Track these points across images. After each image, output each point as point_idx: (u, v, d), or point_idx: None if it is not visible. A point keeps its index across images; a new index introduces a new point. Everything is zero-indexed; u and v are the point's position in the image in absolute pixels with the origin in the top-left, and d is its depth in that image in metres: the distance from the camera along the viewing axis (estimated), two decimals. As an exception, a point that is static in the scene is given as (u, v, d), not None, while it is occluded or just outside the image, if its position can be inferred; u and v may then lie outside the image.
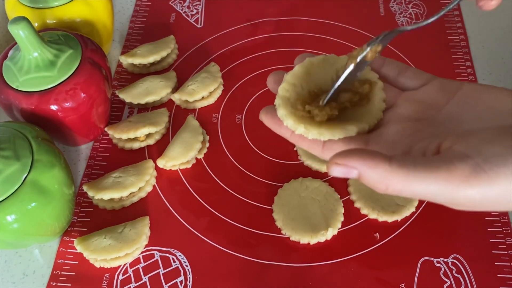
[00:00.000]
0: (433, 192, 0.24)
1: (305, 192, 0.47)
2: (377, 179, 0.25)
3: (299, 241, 0.45)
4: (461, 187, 0.24)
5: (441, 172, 0.24)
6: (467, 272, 0.43)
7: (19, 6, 0.51)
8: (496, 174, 0.24)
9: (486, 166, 0.24)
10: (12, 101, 0.45)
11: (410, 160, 0.25)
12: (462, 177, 0.24)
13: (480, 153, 0.24)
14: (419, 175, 0.24)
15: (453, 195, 0.24)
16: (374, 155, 0.25)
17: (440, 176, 0.24)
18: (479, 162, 0.24)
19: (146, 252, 0.45)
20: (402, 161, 0.25)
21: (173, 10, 0.65)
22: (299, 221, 0.45)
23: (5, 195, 0.38)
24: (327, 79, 0.32)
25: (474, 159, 0.24)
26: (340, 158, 0.25)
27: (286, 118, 0.30)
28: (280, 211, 0.46)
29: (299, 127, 0.29)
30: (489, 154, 0.24)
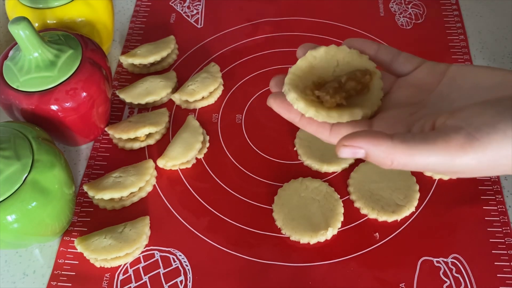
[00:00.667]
0: (433, 162, 0.27)
1: (305, 192, 0.47)
2: (382, 156, 0.27)
3: (299, 241, 0.45)
4: (457, 155, 0.26)
5: (438, 143, 0.27)
6: (466, 272, 0.43)
7: (19, 6, 0.51)
8: (487, 140, 0.26)
9: (478, 134, 0.26)
10: (12, 101, 0.45)
11: (410, 136, 0.27)
12: (458, 146, 0.26)
13: (471, 124, 0.27)
14: (419, 148, 0.27)
15: (451, 163, 0.27)
16: (377, 134, 0.28)
17: (438, 147, 0.27)
18: (471, 131, 0.26)
19: (146, 252, 0.45)
20: (403, 137, 0.27)
21: (173, 10, 0.65)
22: (299, 221, 0.45)
23: (5, 195, 0.38)
24: (329, 69, 0.34)
25: (467, 129, 0.27)
26: (346, 140, 0.28)
27: (297, 101, 0.31)
28: (280, 211, 0.46)
29: (310, 110, 0.31)
30: (479, 124, 0.27)
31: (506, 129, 0.26)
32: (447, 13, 0.62)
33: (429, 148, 0.27)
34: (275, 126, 0.53)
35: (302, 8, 0.63)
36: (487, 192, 0.47)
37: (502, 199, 0.47)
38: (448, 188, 0.48)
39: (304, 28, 0.61)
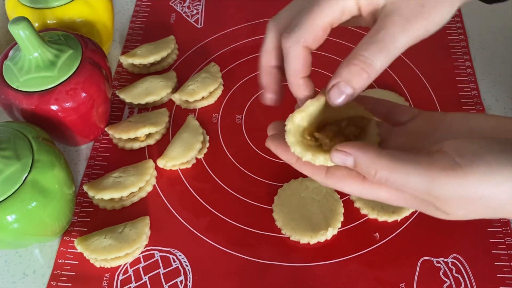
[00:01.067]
0: (413, 181, 0.27)
1: (305, 192, 0.47)
2: (367, 164, 0.28)
3: (299, 241, 0.45)
4: (438, 177, 0.26)
5: (421, 164, 0.27)
6: (466, 272, 0.43)
7: (19, 6, 0.51)
8: (470, 168, 0.26)
9: (462, 161, 0.26)
10: (12, 101, 0.45)
11: (397, 152, 0.28)
12: (440, 169, 0.26)
13: (458, 151, 0.27)
14: (402, 164, 0.27)
15: (431, 185, 0.26)
16: (368, 144, 0.29)
17: (420, 167, 0.27)
18: (456, 157, 0.26)
19: (146, 252, 0.45)
20: (391, 152, 0.28)
21: (173, 10, 0.65)
22: (299, 221, 0.45)
23: (5, 195, 0.38)
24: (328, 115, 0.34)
25: (451, 155, 0.26)
26: (340, 146, 0.29)
27: (294, 146, 0.32)
28: (280, 211, 0.46)
29: (307, 154, 0.31)
30: (465, 152, 0.26)
31: (491, 160, 0.25)
32: (447, 13, 0.62)
33: (411, 166, 0.27)
34: (275, 126, 0.53)
35: (302, 8, 0.63)
36: (487, 192, 0.47)
37: (502, 199, 0.47)
38: (448, 188, 0.48)
39: (304, 28, 0.61)
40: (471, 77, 0.56)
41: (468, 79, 0.56)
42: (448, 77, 0.56)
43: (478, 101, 0.53)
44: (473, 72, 0.56)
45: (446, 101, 0.54)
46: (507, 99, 0.54)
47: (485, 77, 0.56)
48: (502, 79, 0.56)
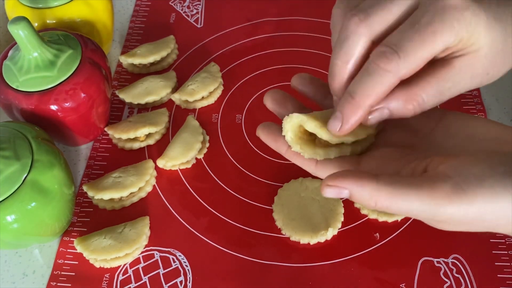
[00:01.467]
0: (416, 209, 0.26)
1: (305, 192, 0.47)
2: (366, 197, 0.27)
3: (299, 241, 0.45)
4: (441, 204, 0.25)
5: (423, 190, 0.26)
6: (467, 272, 0.43)
7: (19, 6, 0.51)
8: (473, 193, 0.25)
9: (465, 186, 0.25)
10: (12, 101, 0.45)
11: (396, 179, 0.27)
12: (443, 194, 0.25)
13: (460, 173, 0.26)
14: (403, 192, 0.26)
15: (434, 212, 0.26)
16: (362, 174, 0.27)
17: (422, 194, 0.26)
18: (459, 182, 0.26)
19: (146, 252, 0.45)
20: (388, 179, 0.26)
21: (173, 10, 0.65)
22: (299, 221, 0.45)
23: (5, 195, 0.38)
24: None
25: (454, 179, 0.26)
26: (331, 180, 0.27)
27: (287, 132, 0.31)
28: (280, 211, 0.46)
29: (296, 146, 0.31)
30: (468, 175, 0.26)
31: (494, 184, 0.25)
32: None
33: (413, 193, 0.26)
34: (275, 126, 0.53)
35: (302, 8, 0.63)
36: (488, 192, 0.47)
37: (502, 199, 0.46)
38: (449, 188, 0.48)
39: (304, 28, 0.61)
40: (471, 77, 0.56)
41: (468, 79, 0.55)
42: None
43: (479, 101, 0.53)
44: (474, 72, 0.56)
45: (447, 101, 0.53)
46: (507, 99, 0.54)
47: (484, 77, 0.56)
48: (502, 79, 0.56)
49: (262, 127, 0.34)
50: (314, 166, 0.32)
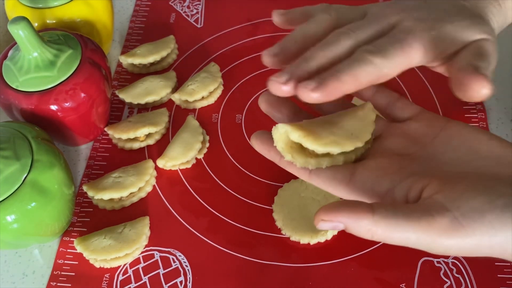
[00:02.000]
0: (413, 241, 0.26)
1: (305, 192, 0.47)
2: (363, 231, 0.26)
3: (299, 241, 0.45)
4: (439, 238, 0.25)
5: (420, 224, 0.26)
6: (467, 272, 0.43)
7: (19, 6, 0.51)
8: (472, 229, 0.25)
9: (464, 221, 0.25)
10: (12, 101, 0.45)
11: (392, 211, 0.26)
12: (441, 230, 0.25)
13: (458, 207, 0.26)
14: (400, 225, 0.26)
15: (431, 246, 0.26)
16: (358, 208, 0.26)
17: (419, 228, 0.26)
18: (457, 216, 0.25)
19: (146, 252, 0.45)
20: (384, 212, 0.26)
21: (173, 10, 0.65)
22: (299, 221, 0.45)
23: (5, 195, 0.38)
24: None
25: (453, 213, 0.25)
26: (325, 214, 0.27)
27: (278, 142, 0.31)
28: (280, 211, 0.46)
29: (287, 155, 0.30)
30: (467, 209, 0.25)
31: (493, 221, 0.25)
32: (447, 13, 0.62)
33: (410, 227, 0.26)
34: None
35: (302, 8, 0.63)
36: (488, 192, 0.47)
37: (502, 199, 0.46)
38: (449, 188, 0.48)
39: (304, 28, 0.61)
40: (471, 77, 0.55)
41: (468, 79, 0.55)
42: (449, 77, 0.56)
43: (478, 101, 0.53)
44: (474, 72, 0.56)
45: (447, 101, 0.54)
46: (507, 99, 0.54)
47: (485, 77, 0.56)
48: (502, 79, 0.56)
49: (255, 137, 0.34)
50: (307, 175, 0.32)
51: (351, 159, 0.31)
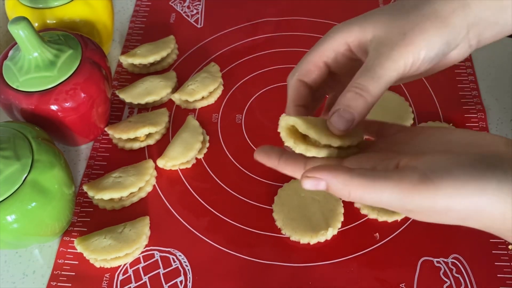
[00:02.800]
0: (386, 199, 0.27)
1: (305, 192, 0.47)
2: (340, 187, 0.28)
3: (299, 241, 0.45)
4: (409, 193, 0.27)
5: (393, 180, 0.27)
6: (467, 272, 0.43)
7: (19, 6, 0.51)
8: (440, 183, 0.26)
9: (432, 175, 0.27)
10: (12, 101, 0.45)
11: (369, 171, 0.29)
12: (411, 184, 0.27)
13: (428, 165, 0.27)
14: (374, 183, 0.28)
15: (403, 202, 0.27)
16: (338, 168, 0.29)
17: (391, 184, 0.27)
18: (426, 172, 0.27)
19: (146, 252, 0.45)
20: (361, 171, 0.28)
21: (173, 10, 0.65)
22: (299, 221, 0.45)
23: (5, 195, 0.38)
24: None
25: (422, 170, 0.27)
26: (309, 172, 0.29)
27: (282, 129, 0.33)
28: (280, 211, 0.46)
29: (289, 141, 0.33)
30: (435, 167, 0.27)
31: (460, 175, 0.26)
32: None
33: (383, 184, 0.27)
34: (275, 126, 0.53)
35: (302, 8, 0.63)
36: (487, 192, 0.47)
37: (502, 199, 0.46)
38: (448, 188, 0.48)
39: (304, 28, 0.61)
40: (471, 77, 0.56)
41: (468, 79, 0.56)
42: (449, 77, 0.56)
43: (478, 101, 0.53)
44: (473, 72, 0.56)
45: (447, 101, 0.54)
46: (507, 99, 0.54)
47: (485, 77, 0.56)
48: (502, 79, 0.56)
49: (258, 151, 0.35)
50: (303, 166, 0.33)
51: (344, 154, 0.33)
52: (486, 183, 0.26)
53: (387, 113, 0.52)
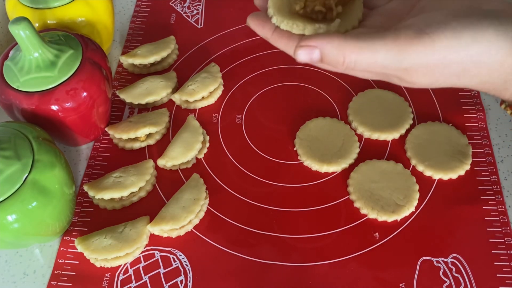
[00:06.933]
0: (382, 58, 0.27)
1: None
2: (335, 52, 0.27)
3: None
4: (405, 48, 0.26)
5: (388, 38, 0.27)
6: (466, 272, 0.43)
7: (19, 7, 0.51)
8: (437, 35, 0.26)
9: (428, 29, 0.26)
10: (12, 101, 0.45)
11: (362, 33, 0.28)
12: (407, 40, 0.26)
13: (424, 21, 0.27)
14: (369, 42, 0.27)
15: (399, 59, 0.26)
16: (332, 34, 0.28)
17: (387, 41, 0.26)
18: (422, 27, 0.26)
19: (146, 251, 0.45)
20: (355, 34, 0.28)
21: (173, 10, 0.65)
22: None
23: (5, 195, 0.38)
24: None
25: (418, 26, 0.26)
26: (303, 41, 0.28)
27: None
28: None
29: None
30: (431, 21, 0.26)
31: (456, 25, 0.26)
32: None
33: (378, 43, 0.26)
34: (275, 126, 0.53)
35: (302, 8, 0.63)
36: (487, 192, 0.47)
37: (502, 199, 0.47)
38: (448, 188, 0.48)
39: (304, 28, 0.61)
40: (471, 77, 0.56)
41: (468, 79, 0.56)
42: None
43: (478, 101, 0.54)
44: (473, 72, 0.56)
45: (446, 101, 0.54)
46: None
47: (485, 77, 0.56)
48: (502, 79, 0.56)
49: (251, 16, 0.34)
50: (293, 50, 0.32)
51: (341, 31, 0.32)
52: (483, 31, 0.26)
53: (387, 113, 0.52)
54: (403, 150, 0.50)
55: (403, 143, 0.51)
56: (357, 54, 0.27)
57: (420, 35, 0.26)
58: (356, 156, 0.50)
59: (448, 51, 0.26)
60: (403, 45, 0.26)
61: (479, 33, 0.26)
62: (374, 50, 0.27)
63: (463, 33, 0.26)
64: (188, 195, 0.47)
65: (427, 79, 0.28)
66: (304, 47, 0.28)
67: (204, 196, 0.47)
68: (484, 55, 0.26)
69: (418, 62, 0.26)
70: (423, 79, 0.28)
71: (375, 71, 0.28)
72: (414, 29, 0.26)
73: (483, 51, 0.26)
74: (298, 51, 0.28)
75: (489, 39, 0.25)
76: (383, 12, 0.33)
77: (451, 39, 0.26)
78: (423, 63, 0.26)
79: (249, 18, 0.34)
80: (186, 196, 0.47)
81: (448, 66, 0.26)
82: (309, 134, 0.51)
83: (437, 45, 0.26)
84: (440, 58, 0.26)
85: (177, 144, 0.51)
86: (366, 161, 0.49)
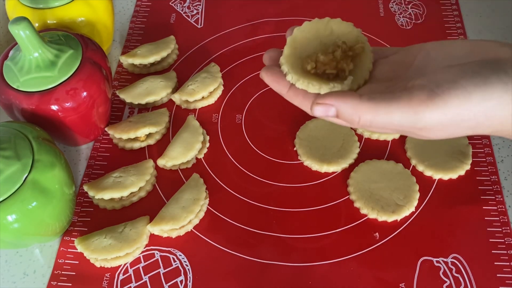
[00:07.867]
0: (397, 119, 0.28)
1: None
2: (350, 112, 0.29)
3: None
4: (419, 110, 0.28)
5: (402, 100, 0.28)
6: (466, 272, 0.43)
7: (19, 6, 0.51)
8: (448, 94, 0.27)
9: (439, 90, 0.27)
10: (12, 101, 0.45)
11: (377, 95, 0.29)
12: (420, 101, 0.28)
13: (434, 81, 0.28)
14: (384, 104, 0.28)
15: (414, 119, 0.28)
16: (347, 93, 0.30)
17: (401, 103, 0.28)
18: (433, 88, 0.28)
19: (146, 251, 0.45)
20: (370, 95, 0.29)
21: (173, 10, 0.65)
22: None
23: (5, 195, 0.38)
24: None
25: (429, 87, 0.28)
26: (319, 98, 0.30)
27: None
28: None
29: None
30: (441, 81, 0.28)
31: (466, 84, 0.27)
32: (447, 13, 0.62)
33: (393, 105, 0.28)
34: (275, 126, 0.53)
35: (302, 8, 0.63)
36: (487, 192, 0.47)
37: (502, 199, 0.47)
38: (448, 188, 0.48)
39: (304, 28, 0.61)
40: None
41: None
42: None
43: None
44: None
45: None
46: (507, 99, 0.54)
47: (485, 77, 0.56)
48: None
49: (266, 70, 0.35)
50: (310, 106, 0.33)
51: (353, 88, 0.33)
52: (492, 87, 0.27)
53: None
54: (403, 150, 0.50)
55: (403, 143, 0.51)
56: (372, 115, 0.29)
57: (433, 96, 0.27)
58: (356, 156, 0.50)
59: (460, 110, 0.27)
60: (417, 107, 0.28)
61: (489, 90, 0.27)
62: (389, 112, 0.28)
63: (473, 92, 0.27)
64: (188, 195, 0.47)
65: (443, 134, 0.29)
66: (321, 105, 0.30)
67: (204, 196, 0.47)
68: (495, 109, 0.27)
69: (433, 122, 0.28)
70: (439, 134, 0.29)
71: (391, 128, 0.30)
72: (426, 90, 0.28)
73: (494, 105, 0.27)
74: (315, 107, 0.30)
75: (500, 94, 0.27)
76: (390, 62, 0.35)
77: (463, 99, 0.27)
78: (438, 122, 0.28)
79: (263, 72, 0.35)
80: (186, 196, 0.47)
81: (462, 122, 0.28)
82: (309, 134, 0.51)
83: (449, 106, 0.27)
84: (454, 117, 0.27)
85: (177, 144, 0.51)
86: (366, 161, 0.49)
